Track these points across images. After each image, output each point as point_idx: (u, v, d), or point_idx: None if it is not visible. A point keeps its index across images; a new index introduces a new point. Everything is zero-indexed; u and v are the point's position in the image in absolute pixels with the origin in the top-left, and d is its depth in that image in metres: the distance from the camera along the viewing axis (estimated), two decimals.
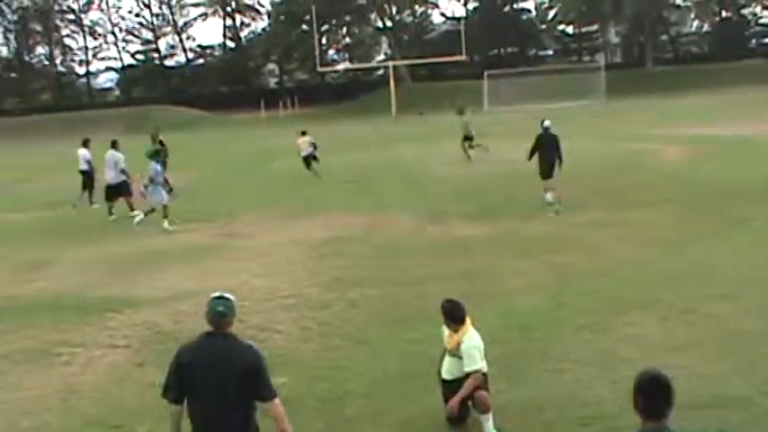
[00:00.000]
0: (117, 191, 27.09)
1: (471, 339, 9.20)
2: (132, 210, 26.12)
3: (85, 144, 31.19)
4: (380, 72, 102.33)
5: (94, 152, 30.39)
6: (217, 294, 7.27)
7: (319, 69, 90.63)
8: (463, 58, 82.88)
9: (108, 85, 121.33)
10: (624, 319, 13.17)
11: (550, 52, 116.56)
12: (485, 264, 17.35)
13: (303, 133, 34.21)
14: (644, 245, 18.21)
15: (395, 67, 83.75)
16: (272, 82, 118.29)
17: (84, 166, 30.86)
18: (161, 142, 30.22)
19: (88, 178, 30.81)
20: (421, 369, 11.34)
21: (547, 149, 23.56)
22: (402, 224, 22.36)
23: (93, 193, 30.58)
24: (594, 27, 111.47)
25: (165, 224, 23.83)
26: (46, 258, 21.37)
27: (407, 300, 14.80)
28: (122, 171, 27.00)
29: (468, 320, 9.36)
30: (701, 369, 10.98)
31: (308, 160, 33.25)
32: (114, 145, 27.70)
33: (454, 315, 9.28)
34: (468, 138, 35.56)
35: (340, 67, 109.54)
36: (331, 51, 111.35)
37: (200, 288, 16.92)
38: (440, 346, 9.91)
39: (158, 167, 24.09)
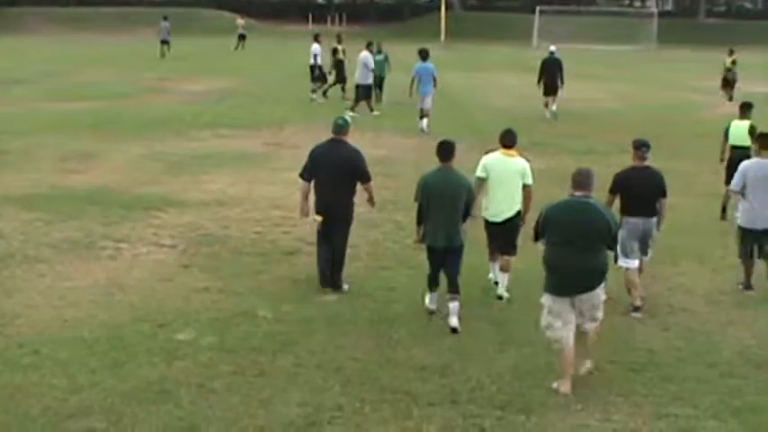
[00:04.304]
0: (363, 91, 28.48)
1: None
2: (353, 109, 27.71)
3: (317, 39, 32.76)
4: None
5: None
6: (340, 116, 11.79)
7: None
8: None
9: None
10: (675, 269, 13.03)
11: None
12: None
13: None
14: (693, 195, 17.89)
15: None
16: None
17: (312, 61, 32.21)
18: (335, 51, 31.99)
19: (314, 72, 32.27)
20: (466, 295, 11.26)
21: (550, 70, 28.96)
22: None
23: (321, 86, 32.18)
24: None
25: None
26: (93, 151, 21.35)
27: None
28: (372, 71, 28.64)
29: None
30: (754, 323, 10.95)
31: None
32: (368, 46, 29.41)
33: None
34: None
35: None
36: None
37: (247, 196, 16.91)
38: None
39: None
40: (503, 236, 11.61)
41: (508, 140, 11.69)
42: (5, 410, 8.25)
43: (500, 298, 11.56)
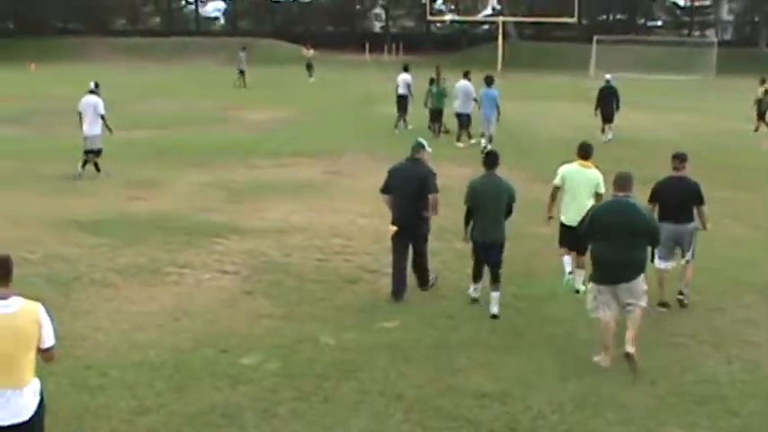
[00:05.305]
0: (461, 120, 28.96)
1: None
2: (459, 139, 28.90)
3: (406, 69, 33.17)
4: (486, 27, 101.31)
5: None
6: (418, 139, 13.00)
7: (429, 18, 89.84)
8: (573, 20, 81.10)
9: (215, 14, 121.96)
10: (739, 302, 12.90)
11: (659, 23, 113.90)
12: None
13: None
14: (757, 227, 17.78)
15: (504, 22, 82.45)
16: (377, 26, 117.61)
17: (402, 91, 32.30)
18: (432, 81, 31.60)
19: (404, 102, 32.24)
20: (529, 324, 11.28)
21: (606, 98, 30.29)
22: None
23: (405, 118, 32.06)
24: (707, 2, 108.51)
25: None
26: (157, 178, 21.68)
27: (514, 256, 14.24)
28: (475, 100, 28.76)
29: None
30: None
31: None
32: (466, 75, 29.59)
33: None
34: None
35: (448, 17, 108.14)
36: (438, 1, 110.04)
37: (307, 224, 17.05)
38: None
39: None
40: (577, 241, 12.43)
41: (585, 152, 13.04)
42: (74, 431, 8.41)
43: (577, 292, 12.77)
